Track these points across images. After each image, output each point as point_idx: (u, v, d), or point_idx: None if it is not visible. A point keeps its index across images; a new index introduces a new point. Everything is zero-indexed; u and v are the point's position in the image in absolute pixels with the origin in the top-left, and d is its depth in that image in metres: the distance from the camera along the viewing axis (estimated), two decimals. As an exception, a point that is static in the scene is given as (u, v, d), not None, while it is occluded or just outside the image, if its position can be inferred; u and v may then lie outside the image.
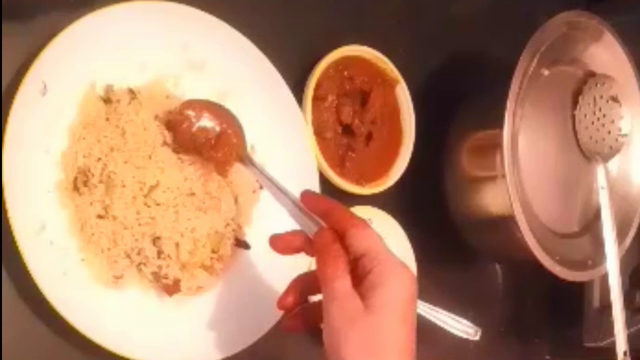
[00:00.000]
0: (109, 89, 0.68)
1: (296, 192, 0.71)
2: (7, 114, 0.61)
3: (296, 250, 0.60)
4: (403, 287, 0.53)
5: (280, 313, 0.72)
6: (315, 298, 0.60)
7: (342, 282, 0.54)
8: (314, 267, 0.58)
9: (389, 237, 0.82)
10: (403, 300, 0.53)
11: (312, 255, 0.59)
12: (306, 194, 0.60)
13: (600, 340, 0.94)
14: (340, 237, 0.56)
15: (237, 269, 0.74)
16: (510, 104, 0.79)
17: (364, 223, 0.57)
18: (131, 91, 0.69)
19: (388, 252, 0.55)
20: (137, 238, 0.66)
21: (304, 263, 0.75)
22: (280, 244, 0.60)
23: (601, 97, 0.89)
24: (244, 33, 0.73)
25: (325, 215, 0.58)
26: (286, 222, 0.76)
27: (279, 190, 0.63)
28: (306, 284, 0.61)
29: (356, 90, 0.82)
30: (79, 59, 0.66)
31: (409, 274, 0.54)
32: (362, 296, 0.53)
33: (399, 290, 0.53)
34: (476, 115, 0.87)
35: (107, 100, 0.68)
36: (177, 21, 0.70)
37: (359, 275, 0.54)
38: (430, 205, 0.84)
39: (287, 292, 0.61)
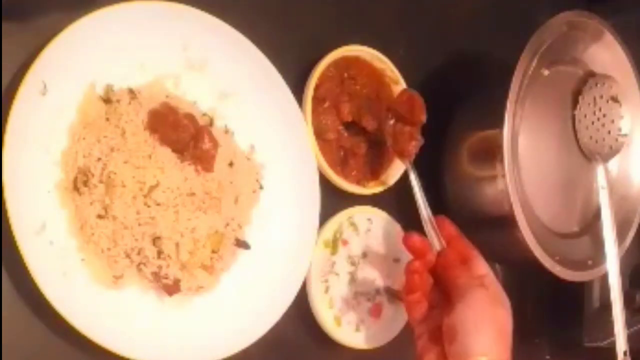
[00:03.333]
0: (109, 89, 0.68)
1: (296, 193, 0.71)
2: (7, 114, 0.61)
3: (421, 253, 0.73)
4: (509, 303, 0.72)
5: (281, 312, 0.73)
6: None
7: (480, 281, 0.72)
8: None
9: (389, 237, 0.82)
10: (510, 310, 0.71)
11: (427, 263, 0.73)
12: (442, 218, 0.77)
13: (600, 340, 0.94)
14: (463, 260, 0.74)
15: (237, 269, 0.74)
16: (510, 104, 0.79)
17: (478, 251, 0.76)
18: (131, 91, 0.69)
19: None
20: (137, 238, 0.66)
21: (303, 265, 0.76)
22: (416, 243, 0.74)
23: (601, 97, 0.89)
24: (244, 33, 0.73)
25: (452, 239, 0.76)
26: (286, 223, 0.77)
27: (423, 205, 0.77)
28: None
29: (356, 90, 0.83)
30: (79, 59, 0.66)
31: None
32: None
33: (509, 304, 0.72)
34: (476, 115, 0.87)
35: (107, 100, 0.68)
36: (177, 21, 0.70)
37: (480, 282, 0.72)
38: (430, 205, 0.83)
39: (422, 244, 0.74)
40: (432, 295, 0.73)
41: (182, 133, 0.69)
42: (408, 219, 0.83)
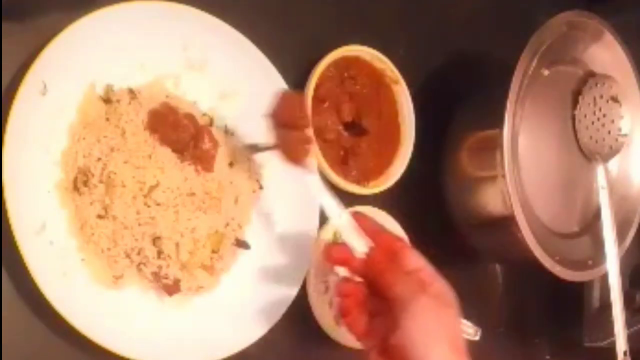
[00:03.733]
0: (109, 89, 0.68)
1: (296, 193, 0.71)
2: (7, 114, 0.61)
3: (347, 263, 0.66)
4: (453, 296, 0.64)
5: (281, 312, 0.73)
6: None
7: (416, 283, 0.63)
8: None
9: (389, 237, 0.82)
10: (456, 304, 0.64)
11: (355, 271, 0.65)
12: (359, 213, 0.68)
13: (600, 340, 0.94)
14: (391, 256, 0.64)
15: (237, 269, 0.74)
16: (510, 104, 0.79)
17: (408, 244, 0.69)
18: (131, 91, 0.69)
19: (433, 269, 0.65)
20: (137, 238, 0.66)
21: (303, 265, 0.75)
22: (337, 254, 0.66)
23: (601, 97, 0.89)
24: (244, 33, 0.73)
25: (375, 236, 0.66)
26: (286, 223, 0.77)
27: (334, 209, 0.68)
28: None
29: (356, 90, 0.83)
30: (79, 59, 0.66)
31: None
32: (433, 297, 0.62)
33: (453, 297, 0.64)
34: (476, 115, 0.87)
35: (107, 100, 0.68)
36: (177, 21, 0.70)
37: (420, 285, 0.63)
38: (430, 205, 0.84)
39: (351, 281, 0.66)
40: (370, 304, 0.65)
41: (182, 133, 0.69)
42: (408, 219, 0.83)
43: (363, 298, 0.65)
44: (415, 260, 0.64)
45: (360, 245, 0.65)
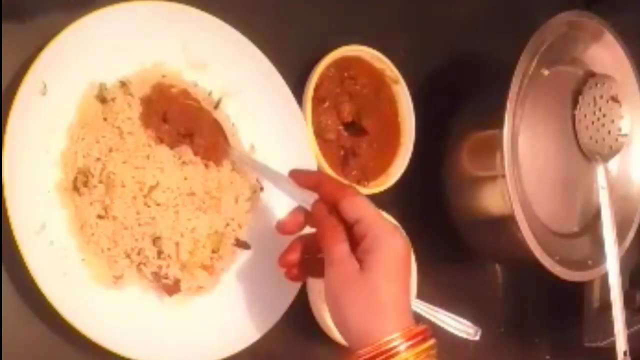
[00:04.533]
0: (108, 88, 0.68)
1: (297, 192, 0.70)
2: (7, 114, 0.61)
3: (301, 226, 0.64)
4: (396, 248, 0.58)
5: (281, 312, 0.73)
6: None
7: (339, 248, 0.59)
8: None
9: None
10: (396, 260, 0.58)
11: (313, 226, 0.63)
12: (294, 171, 0.64)
13: (600, 340, 0.94)
14: (334, 207, 0.60)
15: (237, 269, 0.74)
16: (510, 104, 0.79)
17: (354, 191, 0.61)
18: (130, 93, 0.69)
19: (380, 217, 0.59)
20: (137, 238, 0.66)
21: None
22: (286, 226, 0.64)
23: (601, 97, 0.89)
24: (244, 33, 0.73)
25: (317, 188, 0.62)
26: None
27: (271, 172, 0.67)
28: (308, 242, 0.64)
29: (356, 90, 0.83)
30: (79, 59, 0.66)
31: (400, 236, 0.59)
32: (359, 259, 0.58)
33: (392, 251, 0.58)
34: (476, 115, 0.87)
35: (103, 100, 0.68)
36: (177, 21, 0.70)
37: (355, 241, 0.59)
38: (430, 205, 0.84)
39: (289, 249, 0.65)
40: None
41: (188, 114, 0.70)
42: (408, 219, 0.83)
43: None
44: (356, 208, 0.59)
45: (307, 201, 0.63)
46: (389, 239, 0.58)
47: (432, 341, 0.57)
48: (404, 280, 0.58)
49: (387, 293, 0.57)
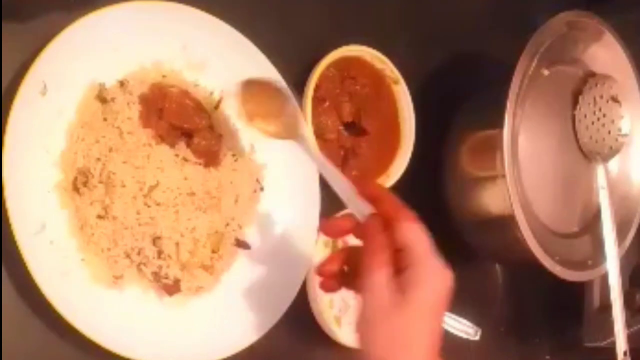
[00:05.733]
0: (108, 88, 0.68)
1: (296, 193, 0.71)
2: (7, 114, 0.61)
3: (345, 233, 0.62)
4: (437, 289, 0.56)
5: (281, 312, 0.73)
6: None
7: (380, 274, 0.56)
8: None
9: (389, 237, 0.82)
10: (435, 300, 0.55)
11: (360, 238, 0.60)
12: (361, 179, 0.63)
13: (600, 340, 0.94)
14: (388, 226, 0.58)
15: (237, 269, 0.74)
16: (510, 104, 0.79)
17: (413, 216, 0.59)
18: (130, 93, 0.69)
19: (430, 252, 0.57)
20: (137, 238, 0.66)
21: (303, 265, 0.75)
22: (331, 227, 0.63)
23: (601, 97, 0.89)
24: (244, 33, 0.73)
25: (376, 202, 0.60)
26: (286, 223, 0.77)
27: (333, 173, 0.63)
28: (349, 255, 0.62)
29: (356, 90, 0.83)
30: (79, 59, 0.66)
31: (446, 276, 0.56)
32: (399, 289, 0.55)
33: (433, 292, 0.55)
34: (476, 115, 0.87)
35: (102, 100, 0.68)
36: (177, 21, 0.70)
37: (399, 266, 0.56)
38: (430, 205, 0.83)
39: (329, 260, 0.63)
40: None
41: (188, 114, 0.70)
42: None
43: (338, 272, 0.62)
44: (407, 234, 0.57)
45: (362, 210, 0.60)
46: (433, 278, 0.56)
47: None
48: (437, 319, 0.57)
49: (417, 331, 0.55)
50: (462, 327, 0.86)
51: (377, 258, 0.57)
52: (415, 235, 0.57)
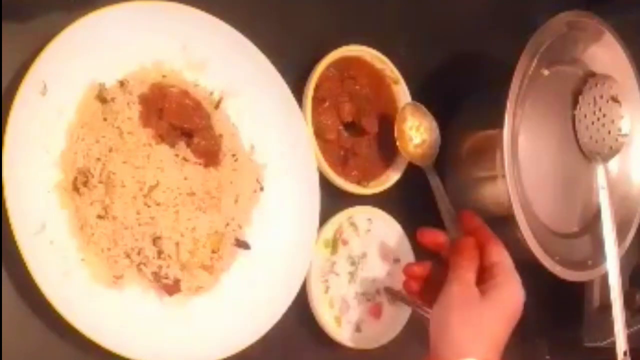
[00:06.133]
0: (108, 88, 0.68)
1: (296, 193, 0.70)
2: (7, 114, 0.61)
3: (436, 245, 0.75)
4: (516, 297, 0.69)
5: (281, 312, 0.73)
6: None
7: (471, 274, 0.69)
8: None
9: (389, 237, 0.82)
10: (512, 305, 0.69)
11: (447, 255, 0.73)
12: (466, 212, 0.77)
13: (600, 340, 0.94)
14: (479, 246, 0.72)
15: (237, 269, 0.74)
16: (510, 104, 0.79)
17: (500, 242, 0.73)
18: (130, 93, 0.69)
19: (513, 268, 0.71)
20: (137, 238, 0.66)
21: (303, 265, 0.75)
22: (427, 235, 0.76)
23: (601, 97, 0.89)
24: (244, 33, 0.73)
25: (475, 230, 0.74)
26: (286, 223, 0.77)
27: (443, 196, 0.79)
28: (436, 269, 0.74)
29: (356, 90, 0.83)
30: (79, 59, 0.66)
31: (521, 294, 0.70)
32: (481, 291, 0.67)
33: (512, 297, 0.69)
34: (476, 115, 0.87)
35: (102, 100, 0.68)
36: (177, 21, 0.70)
37: (484, 279, 0.69)
38: (430, 205, 0.83)
39: (421, 262, 0.76)
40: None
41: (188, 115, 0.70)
42: (408, 219, 0.83)
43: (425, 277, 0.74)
44: (495, 254, 0.71)
45: (454, 232, 0.76)
46: (514, 288, 0.69)
47: None
48: (509, 324, 0.67)
49: (491, 325, 0.65)
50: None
51: (469, 261, 0.70)
52: (502, 254, 0.72)
